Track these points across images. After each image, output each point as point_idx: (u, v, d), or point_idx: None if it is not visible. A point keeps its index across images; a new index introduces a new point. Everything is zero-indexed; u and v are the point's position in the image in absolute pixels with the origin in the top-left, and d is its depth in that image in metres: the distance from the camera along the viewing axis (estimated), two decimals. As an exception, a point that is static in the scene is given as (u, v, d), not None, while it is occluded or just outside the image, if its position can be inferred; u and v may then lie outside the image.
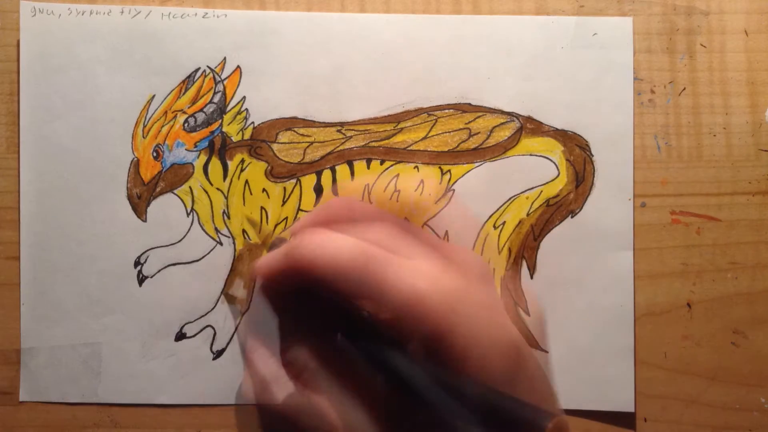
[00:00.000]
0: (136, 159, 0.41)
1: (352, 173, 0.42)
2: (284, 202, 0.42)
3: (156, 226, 0.42)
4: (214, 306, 0.42)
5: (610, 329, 0.41)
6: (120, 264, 0.41)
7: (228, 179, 0.42)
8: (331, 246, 0.30)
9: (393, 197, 0.42)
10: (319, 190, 0.42)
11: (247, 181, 0.42)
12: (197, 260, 0.42)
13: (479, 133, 0.42)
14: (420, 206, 0.42)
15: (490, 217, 0.42)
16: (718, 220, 0.42)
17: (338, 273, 0.30)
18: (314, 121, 0.42)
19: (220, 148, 0.42)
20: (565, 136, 0.42)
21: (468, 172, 0.42)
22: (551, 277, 0.41)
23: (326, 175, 0.42)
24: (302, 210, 0.42)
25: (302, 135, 0.42)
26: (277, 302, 0.34)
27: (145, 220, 0.42)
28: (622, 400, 0.41)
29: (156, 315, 0.41)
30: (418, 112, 0.42)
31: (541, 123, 0.42)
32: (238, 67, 0.42)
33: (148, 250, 0.42)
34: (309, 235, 0.32)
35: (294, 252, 0.31)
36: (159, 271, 0.41)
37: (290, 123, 0.42)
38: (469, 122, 0.42)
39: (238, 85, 0.42)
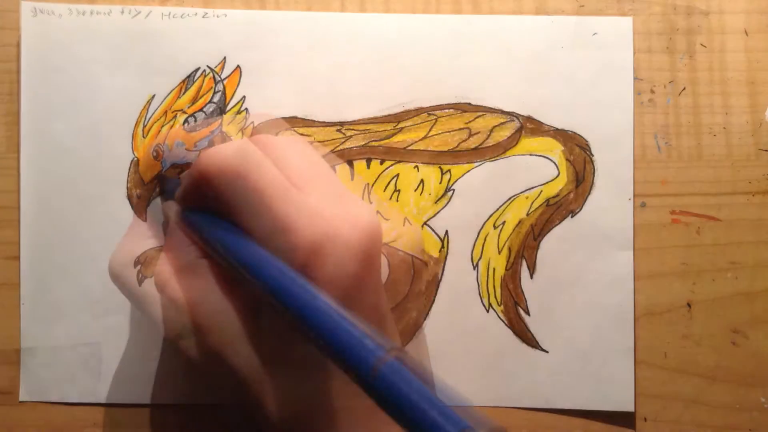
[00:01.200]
0: (136, 159, 0.41)
1: (352, 173, 0.42)
2: (284, 202, 0.42)
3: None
4: (214, 306, 0.42)
5: (610, 329, 0.41)
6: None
7: (228, 179, 0.42)
8: (217, 151, 0.32)
9: (393, 197, 0.42)
10: (319, 190, 0.42)
11: (247, 181, 0.42)
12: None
13: (479, 132, 0.42)
14: (420, 206, 0.42)
15: (490, 216, 0.42)
16: (718, 219, 0.42)
17: (222, 177, 0.31)
18: (314, 121, 0.42)
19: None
20: (565, 136, 0.42)
21: (468, 171, 0.42)
22: (551, 277, 0.41)
23: (326, 175, 0.42)
24: (302, 210, 0.42)
25: (302, 135, 0.42)
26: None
27: (145, 220, 0.42)
28: (622, 400, 0.41)
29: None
30: (418, 111, 0.42)
31: (541, 123, 0.42)
32: (238, 66, 0.42)
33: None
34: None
35: (192, 167, 0.33)
36: (159, 271, 0.41)
37: (290, 123, 0.42)
38: (469, 122, 0.42)
39: (238, 84, 0.42)
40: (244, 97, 0.42)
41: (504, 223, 0.42)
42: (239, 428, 0.42)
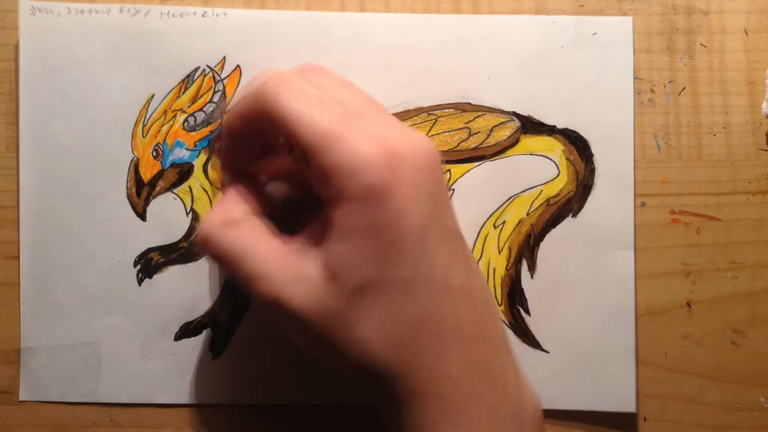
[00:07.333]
0: (135, 158, 0.41)
1: (352, 173, 0.42)
2: (284, 202, 0.42)
3: (156, 226, 0.41)
4: (214, 305, 0.42)
5: (611, 329, 0.41)
6: (120, 264, 0.41)
7: (228, 179, 0.42)
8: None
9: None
10: (319, 189, 0.42)
11: (247, 181, 0.41)
12: (197, 260, 0.42)
13: (479, 132, 0.42)
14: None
15: (490, 216, 0.42)
16: (718, 219, 0.42)
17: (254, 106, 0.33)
18: (314, 121, 0.42)
19: (220, 148, 0.41)
20: (565, 136, 0.42)
21: (468, 171, 0.42)
22: (551, 277, 0.41)
23: (326, 175, 0.42)
24: (302, 210, 0.42)
25: (302, 135, 0.41)
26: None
27: (144, 220, 0.42)
28: (623, 400, 0.41)
29: (156, 315, 0.41)
30: (418, 111, 0.42)
31: (542, 122, 0.42)
32: (238, 66, 0.42)
33: (147, 250, 0.42)
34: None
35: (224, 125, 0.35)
36: (159, 270, 0.41)
37: (290, 123, 0.41)
38: (469, 121, 0.42)
39: (238, 84, 0.42)
40: (244, 96, 0.41)
41: (504, 222, 0.42)
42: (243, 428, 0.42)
